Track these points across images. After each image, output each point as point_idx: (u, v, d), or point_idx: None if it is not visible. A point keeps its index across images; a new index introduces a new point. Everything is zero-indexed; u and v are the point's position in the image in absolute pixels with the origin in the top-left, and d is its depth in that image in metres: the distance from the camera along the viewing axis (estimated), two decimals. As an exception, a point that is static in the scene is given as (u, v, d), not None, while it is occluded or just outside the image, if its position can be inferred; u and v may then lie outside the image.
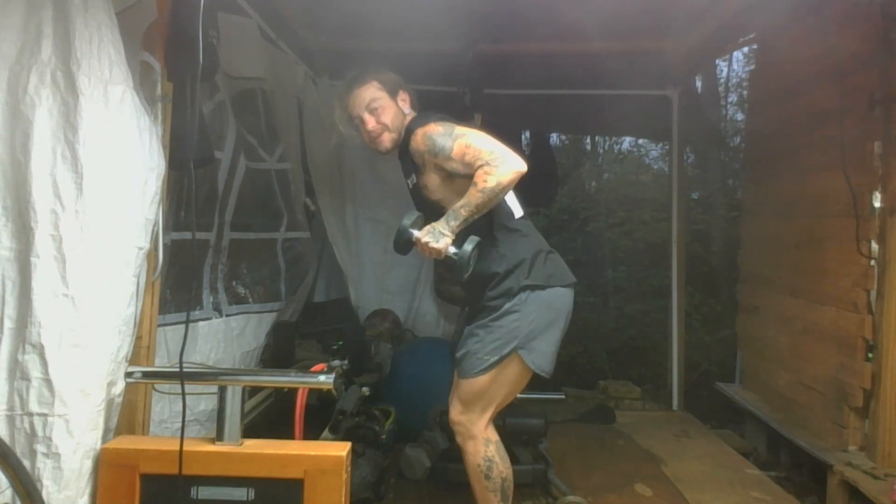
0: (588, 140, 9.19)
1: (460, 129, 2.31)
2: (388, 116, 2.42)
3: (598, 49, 4.24)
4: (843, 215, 3.30)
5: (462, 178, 2.29)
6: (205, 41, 1.87)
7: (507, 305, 2.33)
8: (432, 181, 2.37)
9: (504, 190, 2.21)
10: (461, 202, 2.21)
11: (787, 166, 4.04)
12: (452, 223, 2.20)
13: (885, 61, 3.09)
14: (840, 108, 3.33)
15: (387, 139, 2.43)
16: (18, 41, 1.76)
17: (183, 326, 2.06)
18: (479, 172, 2.19)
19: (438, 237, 2.20)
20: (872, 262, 3.16)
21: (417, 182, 2.40)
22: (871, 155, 3.17)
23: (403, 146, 2.43)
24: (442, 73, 4.37)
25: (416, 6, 3.46)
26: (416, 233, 2.24)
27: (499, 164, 2.19)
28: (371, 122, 2.41)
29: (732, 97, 8.91)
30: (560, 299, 2.41)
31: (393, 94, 2.45)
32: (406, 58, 3.87)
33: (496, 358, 2.32)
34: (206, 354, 3.01)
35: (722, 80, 8.75)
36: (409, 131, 2.40)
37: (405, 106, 2.48)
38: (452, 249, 2.21)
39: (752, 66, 6.13)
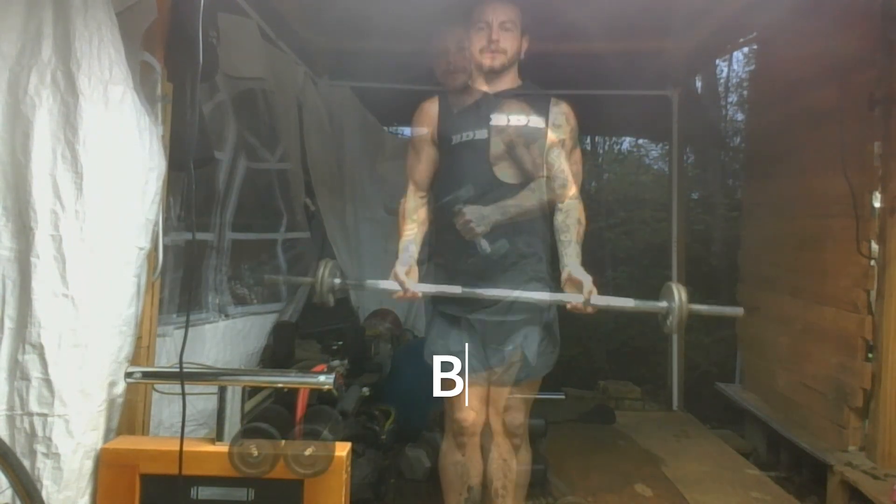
0: (588, 140, 9.18)
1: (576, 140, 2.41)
2: (512, 45, 2.38)
3: (597, 49, 4.24)
4: (843, 215, 3.30)
5: (528, 154, 2.32)
6: (205, 41, 1.87)
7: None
8: (520, 141, 2.32)
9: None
10: (524, 206, 2.29)
11: (787, 166, 4.04)
12: (498, 217, 2.25)
13: (885, 61, 3.09)
14: (840, 108, 3.33)
15: (498, 59, 2.38)
16: (18, 41, 1.75)
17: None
18: (582, 209, 2.32)
19: (481, 222, 2.24)
20: (872, 263, 3.16)
21: (526, 122, 2.34)
22: (871, 155, 3.18)
23: (525, 90, 2.42)
24: (442, 73, 4.36)
25: (416, 6, 3.46)
26: (464, 209, 2.26)
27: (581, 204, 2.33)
28: (496, 34, 2.35)
29: (732, 97, 8.91)
30: None
31: (523, 33, 2.43)
32: (406, 58, 3.90)
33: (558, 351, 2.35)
34: (213, 358, 3.00)
35: (722, 80, 8.75)
36: (547, 96, 2.40)
37: (523, 50, 2.45)
38: (484, 242, 2.25)
39: (752, 66, 6.13)
